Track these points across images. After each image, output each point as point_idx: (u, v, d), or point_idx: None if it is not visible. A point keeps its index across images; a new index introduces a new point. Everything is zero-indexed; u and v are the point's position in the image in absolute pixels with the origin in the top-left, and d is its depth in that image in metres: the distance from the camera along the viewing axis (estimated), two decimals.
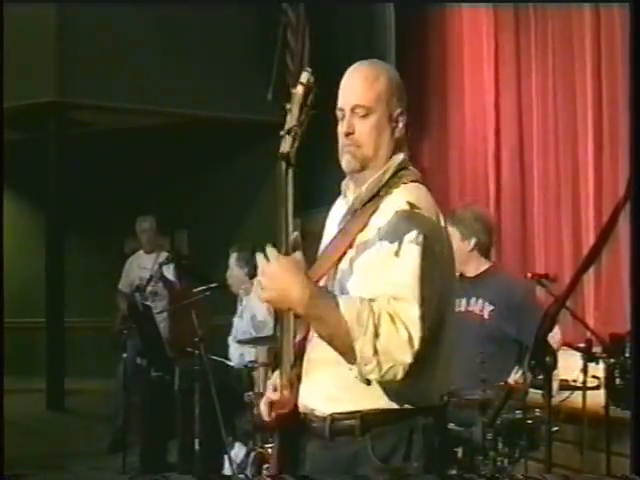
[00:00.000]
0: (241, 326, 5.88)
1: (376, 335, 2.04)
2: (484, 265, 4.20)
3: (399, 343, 2.05)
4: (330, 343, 2.13)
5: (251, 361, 5.47)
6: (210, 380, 5.18)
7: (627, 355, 4.44)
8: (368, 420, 2.20)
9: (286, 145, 2.14)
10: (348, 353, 2.09)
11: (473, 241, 4.15)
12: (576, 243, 7.19)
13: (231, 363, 5.79)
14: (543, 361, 2.07)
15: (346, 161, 2.32)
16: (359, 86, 2.32)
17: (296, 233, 2.17)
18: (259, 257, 2.13)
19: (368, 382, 2.13)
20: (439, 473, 2.26)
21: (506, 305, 4.03)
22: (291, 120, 2.14)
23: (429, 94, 8.80)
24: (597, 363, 4.09)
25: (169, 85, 9.20)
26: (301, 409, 2.29)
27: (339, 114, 2.35)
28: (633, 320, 2.18)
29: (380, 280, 2.14)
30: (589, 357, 3.91)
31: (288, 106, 2.17)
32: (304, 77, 2.16)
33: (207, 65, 9.32)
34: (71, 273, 9.41)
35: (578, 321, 4.28)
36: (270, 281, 2.10)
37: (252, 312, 5.80)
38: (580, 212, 7.23)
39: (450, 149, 8.63)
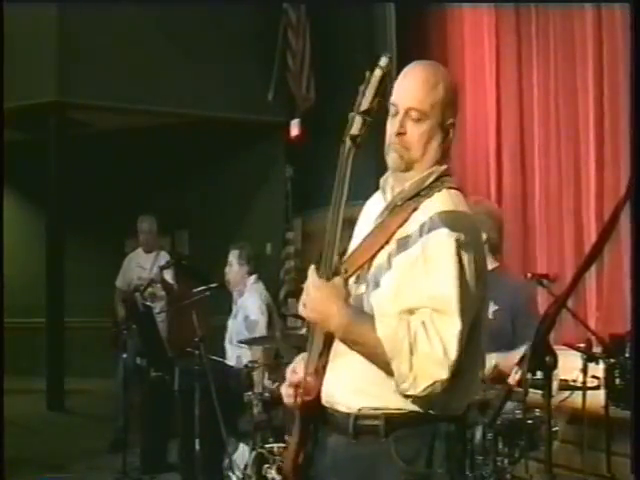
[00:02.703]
0: (235, 327, 5.87)
1: (411, 352, 2.08)
2: (491, 264, 4.19)
3: (435, 360, 2.08)
4: (368, 360, 2.18)
5: (251, 361, 5.47)
6: (210, 380, 5.17)
7: (627, 355, 4.44)
8: (392, 421, 2.21)
9: (356, 127, 2.13)
10: (387, 369, 2.14)
11: (483, 237, 4.13)
12: (577, 243, 7.18)
13: (231, 363, 5.79)
14: (543, 361, 2.06)
15: (392, 159, 2.31)
16: (418, 89, 2.29)
17: (336, 258, 2.22)
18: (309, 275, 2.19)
19: (407, 396, 2.15)
20: None
21: (510, 306, 4.02)
22: (364, 103, 2.12)
23: None
24: (597, 363, 4.09)
25: (169, 85, 9.20)
26: (325, 401, 2.30)
27: (392, 109, 2.32)
28: (633, 320, 2.17)
29: (421, 287, 2.14)
30: (589, 357, 3.91)
31: (362, 88, 2.14)
32: (383, 61, 2.13)
33: (207, 65, 9.31)
34: (71, 273, 9.40)
35: (578, 321, 4.27)
36: (311, 305, 2.19)
37: (245, 312, 5.80)
38: (581, 211, 7.22)
39: (451, 149, 8.61)
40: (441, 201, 2.25)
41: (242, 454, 5.13)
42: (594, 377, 4.27)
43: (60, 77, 9.00)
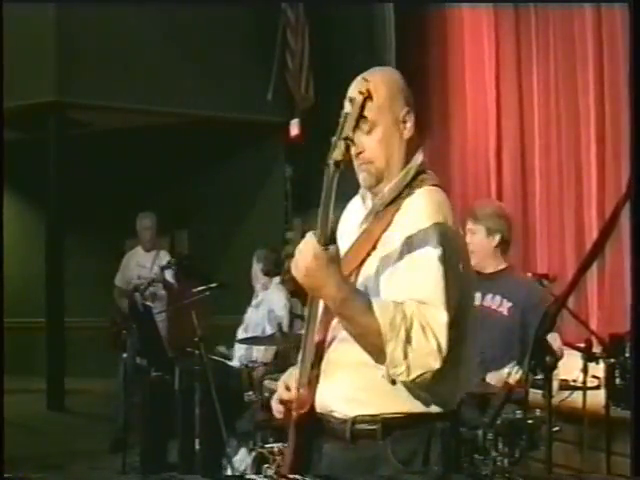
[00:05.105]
0: (255, 317, 5.93)
1: (408, 341, 2.07)
2: (502, 264, 4.19)
3: (429, 351, 2.08)
4: (358, 341, 2.15)
5: (251, 361, 5.48)
6: (210, 380, 5.18)
7: (627, 355, 4.43)
8: (389, 424, 2.21)
9: (339, 152, 2.11)
10: (376, 353, 2.11)
11: (498, 237, 4.14)
12: (579, 243, 7.17)
13: (231, 363, 5.80)
14: (543, 361, 2.06)
15: (362, 179, 2.34)
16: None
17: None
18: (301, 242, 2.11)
19: (394, 382, 2.14)
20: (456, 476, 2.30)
21: (523, 304, 4.02)
22: (347, 128, 2.11)
23: (430, 94, 8.78)
24: (597, 363, 4.08)
25: (169, 85, 9.19)
26: (319, 410, 2.29)
27: None
28: (633, 320, 2.17)
29: (405, 281, 2.15)
30: (589, 357, 3.90)
31: (345, 112, 2.14)
32: (364, 86, 2.13)
33: (207, 65, 9.31)
34: (71, 273, 9.40)
35: (578, 321, 4.27)
36: (305, 272, 2.08)
37: (270, 306, 5.86)
38: (583, 212, 7.21)
39: (451, 149, 8.61)
40: (422, 200, 2.25)
41: (242, 456, 5.13)
42: (594, 377, 4.26)
43: (60, 77, 9.00)
